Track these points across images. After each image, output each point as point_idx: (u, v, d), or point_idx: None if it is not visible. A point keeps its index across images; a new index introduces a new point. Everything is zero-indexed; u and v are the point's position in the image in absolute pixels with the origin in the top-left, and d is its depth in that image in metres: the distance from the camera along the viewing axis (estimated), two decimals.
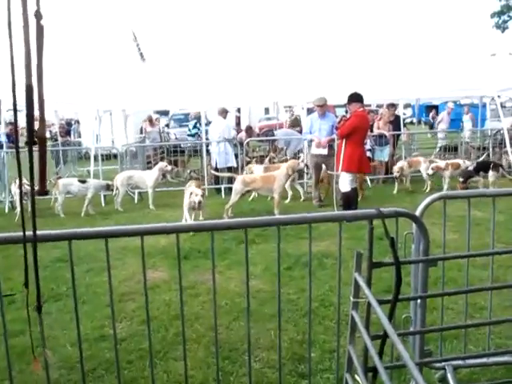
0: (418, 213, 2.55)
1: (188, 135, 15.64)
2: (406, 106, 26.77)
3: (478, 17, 59.31)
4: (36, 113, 1.43)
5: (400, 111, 12.22)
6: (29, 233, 1.59)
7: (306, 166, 8.56)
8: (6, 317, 2.36)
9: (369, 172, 8.22)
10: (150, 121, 14.01)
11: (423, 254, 2.34)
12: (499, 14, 20.83)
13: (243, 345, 3.56)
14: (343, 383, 2.39)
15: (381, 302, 2.17)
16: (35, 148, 1.42)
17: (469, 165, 9.07)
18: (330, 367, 3.24)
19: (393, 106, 11.31)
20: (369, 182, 10.30)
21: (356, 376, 2.23)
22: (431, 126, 25.09)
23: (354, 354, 2.22)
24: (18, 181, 6.97)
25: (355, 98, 7.27)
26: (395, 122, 11.05)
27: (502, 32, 21.13)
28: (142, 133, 16.16)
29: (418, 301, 2.52)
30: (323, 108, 8.17)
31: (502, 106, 19.08)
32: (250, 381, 2.66)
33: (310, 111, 10.72)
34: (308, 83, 10.27)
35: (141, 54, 16.75)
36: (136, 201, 9.92)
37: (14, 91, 1.37)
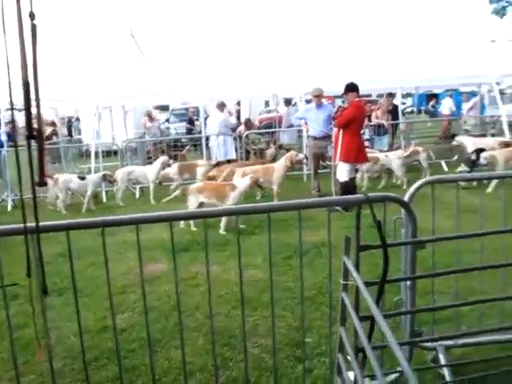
0: (406, 198, 2.62)
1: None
2: (407, 95, 26.74)
3: (476, 3, 58.98)
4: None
5: (398, 100, 12.23)
6: (30, 224, 1.68)
7: (306, 157, 8.63)
8: (10, 310, 2.44)
9: (366, 162, 8.29)
10: (150, 116, 14.08)
11: (411, 237, 2.40)
12: None
13: (242, 332, 3.65)
14: (336, 364, 2.46)
15: (368, 284, 2.24)
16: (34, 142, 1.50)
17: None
18: (325, 351, 3.32)
19: (391, 95, 11.33)
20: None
21: (348, 357, 2.30)
22: (432, 115, 25.07)
23: (344, 335, 2.29)
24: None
25: (351, 87, 7.31)
26: (393, 112, 11.08)
27: (501, 18, 21.04)
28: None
29: (408, 283, 2.59)
30: (320, 98, 8.24)
31: (502, 93, 19.07)
32: (246, 365, 2.73)
33: (308, 103, 10.78)
34: (306, 74, 10.32)
35: (140, 51, 16.79)
36: (137, 196, 10.01)
37: (10, 88, 1.44)
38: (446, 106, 16.30)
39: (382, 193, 2.44)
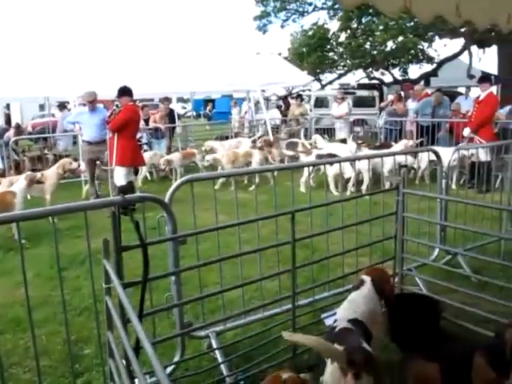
0: (167, 197, 2.74)
1: None
2: (187, 100, 27.86)
3: (244, 19, 65.66)
4: None
5: (176, 105, 12.65)
6: None
7: (79, 164, 8.22)
8: None
9: (143, 164, 8.37)
10: None
11: (172, 233, 2.54)
12: (260, 17, 23.03)
13: (9, 358, 3.34)
14: (109, 370, 2.44)
15: (130, 285, 2.29)
16: None
17: None
18: (106, 360, 3.25)
19: (167, 99, 11.64)
20: (148, 175, 10.38)
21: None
22: (209, 119, 26.68)
23: (112, 339, 2.28)
24: None
25: (124, 91, 7.27)
26: (170, 116, 11.42)
27: (264, 34, 23.46)
28: None
29: (173, 278, 2.72)
30: (93, 103, 7.97)
31: (267, 99, 21.40)
32: None
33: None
34: (79, 77, 9.84)
35: None
36: None
37: None
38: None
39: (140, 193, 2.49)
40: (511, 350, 2.46)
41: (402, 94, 12.98)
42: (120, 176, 7.20)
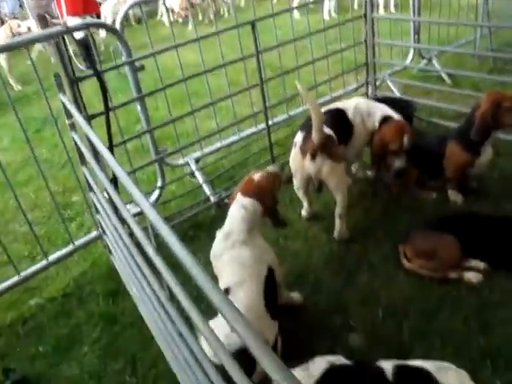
0: (117, 23, 2.53)
1: None
2: None
3: None
4: None
5: None
6: None
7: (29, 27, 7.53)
8: None
9: (97, 11, 7.71)
10: None
11: (126, 59, 2.39)
12: None
13: (4, 215, 3.48)
14: (93, 205, 2.48)
15: (92, 117, 2.24)
16: None
17: None
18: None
19: None
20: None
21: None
22: None
23: (88, 173, 2.29)
24: None
25: None
26: None
27: None
28: None
29: (139, 106, 2.65)
30: None
31: None
32: None
33: None
34: None
35: None
36: None
37: None
38: None
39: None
40: (480, 127, 2.53)
41: None
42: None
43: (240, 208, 1.95)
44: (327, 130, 2.40)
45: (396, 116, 2.72)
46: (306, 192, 2.64)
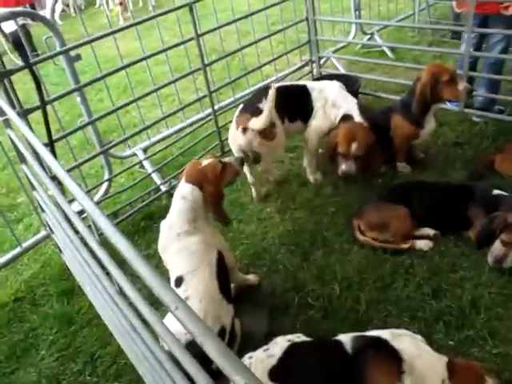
0: (47, 12, 2.41)
1: None
2: None
3: None
4: None
5: None
6: None
7: None
8: None
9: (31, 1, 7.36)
10: None
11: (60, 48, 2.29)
12: None
13: None
14: (37, 204, 2.39)
15: (28, 112, 2.13)
16: None
17: None
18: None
19: None
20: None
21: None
22: None
23: (28, 172, 2.20)
24: None
25: None
26: None
27: None
28: None
29: (78, 98, 2.55)
30: None
31: None
32: None
33: None
34: None
35: None
36: None
37: None
38: None
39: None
40: (419, 101, 2.59)
41: None
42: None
43: (180, 198, 1.87)
44: (261, 106, 2.44)
45: (357, 117, 2.60)
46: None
